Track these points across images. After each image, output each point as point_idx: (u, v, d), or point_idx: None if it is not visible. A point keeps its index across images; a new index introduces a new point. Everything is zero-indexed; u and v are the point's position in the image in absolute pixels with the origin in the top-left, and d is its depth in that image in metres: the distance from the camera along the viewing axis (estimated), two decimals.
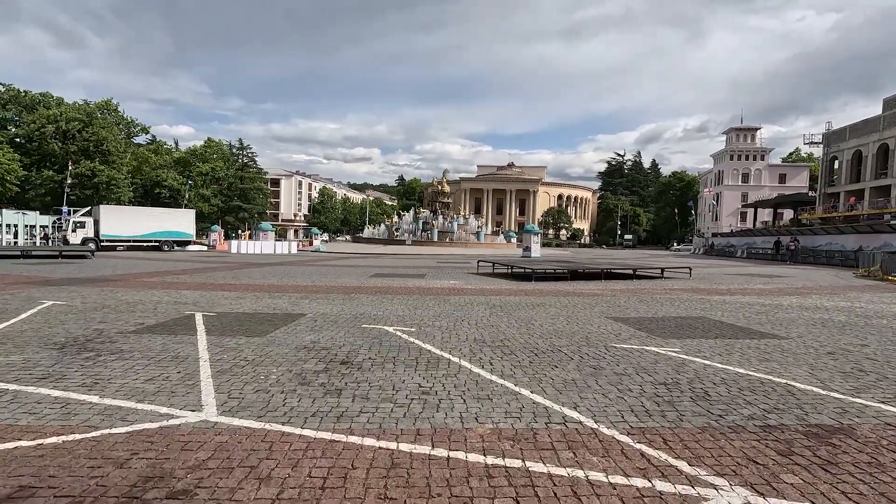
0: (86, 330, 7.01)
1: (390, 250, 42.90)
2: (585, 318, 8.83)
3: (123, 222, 35.95)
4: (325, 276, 17.24)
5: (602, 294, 12.84)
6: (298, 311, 9.02)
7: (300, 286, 13.59)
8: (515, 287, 14.29)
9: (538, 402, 4.29)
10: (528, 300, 11.27)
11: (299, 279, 15.74)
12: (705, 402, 4.35)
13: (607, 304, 10.78)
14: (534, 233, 38.16)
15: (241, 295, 11.37)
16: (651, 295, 12.85)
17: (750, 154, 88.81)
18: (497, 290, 13.51)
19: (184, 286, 13.01)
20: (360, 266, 22.85)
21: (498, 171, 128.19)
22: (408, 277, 16.99)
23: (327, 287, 13.43)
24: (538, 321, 8.45)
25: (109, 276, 15.38)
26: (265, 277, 16.11)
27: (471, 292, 12.76)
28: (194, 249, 40.92)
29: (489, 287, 14.20)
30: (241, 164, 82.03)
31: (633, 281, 17.06)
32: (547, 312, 9.46)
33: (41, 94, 57.67)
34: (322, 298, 10.97)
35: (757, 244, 45.68)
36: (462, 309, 9.74)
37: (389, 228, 57.18)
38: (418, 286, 14.08)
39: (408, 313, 9.09)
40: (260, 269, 19.60)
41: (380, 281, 15.49)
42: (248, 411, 3.94)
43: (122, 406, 3.99)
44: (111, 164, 55.84)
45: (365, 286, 13.84)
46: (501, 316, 8.94)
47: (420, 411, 4.01)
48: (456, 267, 23.38)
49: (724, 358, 6.03)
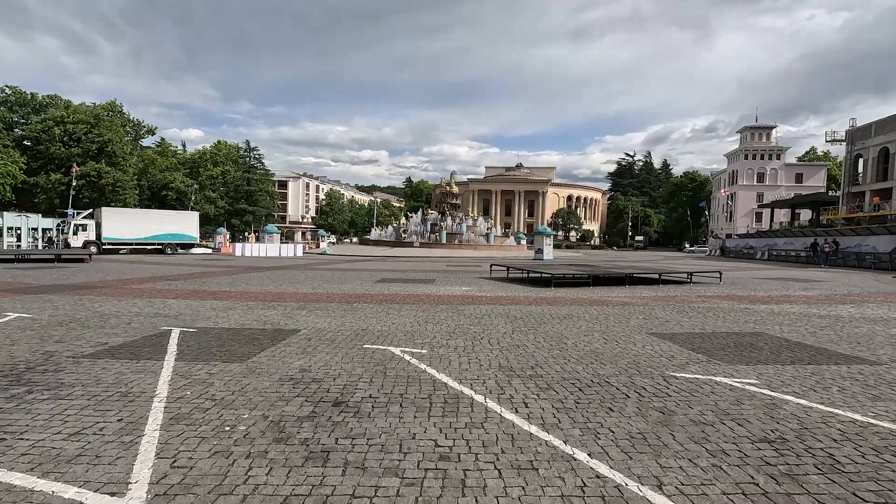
0: (34, 353, 5.87)
1: (398, 253, 41.76)
2: (625, 335, 7.55)
3: (125, 225, 35.15)
4: (328, 281, 16.09)
5: (632, 303, 11.53)
6: (292, 327, 7.84)
7: (299, 294, 12.43)
8: (534, 294, 13.02)
9: (604, 475, 3.04)
10: (552, 311, 10.01)
11: (300, 285, 14.59)
12: (842, 477, 3.07)
13: (643, 316, 9.49)
14: (546, 234, 36.80)
15: (231, 305, 10.22)
16: (687, 304, 11.52)
17: (765, 153, 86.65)
18: (515, 298, 12.25)
19: (172, 294, 11.90)
20: (365, 270, 21.70)
21: (506, 172, 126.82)
22: (416, 283, 15.79)
23: (328, 295, 12.25)
24: (570, 339, 7.19)
25: (97, 283, 14.34)
26: (263, 284, 14.99)
27: (486, 301, 11.52)
28: (198, 252, 40.10)
29: (506, 295, 12.95)
30: (247, 166, 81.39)
31: (660, 287, 15.73)
32: (577, 327, 8.20)
33: (48, 96, 57.37)
34: (321, 309, 9.80)
35: (778, 245, 43.87)
36: (479, 323, 8.51)
37: (397, 230, 56.04)
38: (428, 294, 12.87)
39: (417, 328, 7.88)
40: (260, 275, 18.51)
41: (386, 287, 14.30)
42: (192, 497, 2.74)
43: (13, 486, 2.81)
44: (116, 166, 55.34)
45: (369, 294, 12.65)
46: (526, 332, 7.69)
47: (438, 495, 2.78)
48: (467, 271, 22.14)
49: (822, 395, 4.73)
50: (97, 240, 33.64)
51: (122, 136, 58.57)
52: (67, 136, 52.15)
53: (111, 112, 60.47)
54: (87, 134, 52.74)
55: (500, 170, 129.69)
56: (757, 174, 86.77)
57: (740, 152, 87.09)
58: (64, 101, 56.92)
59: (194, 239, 38.68)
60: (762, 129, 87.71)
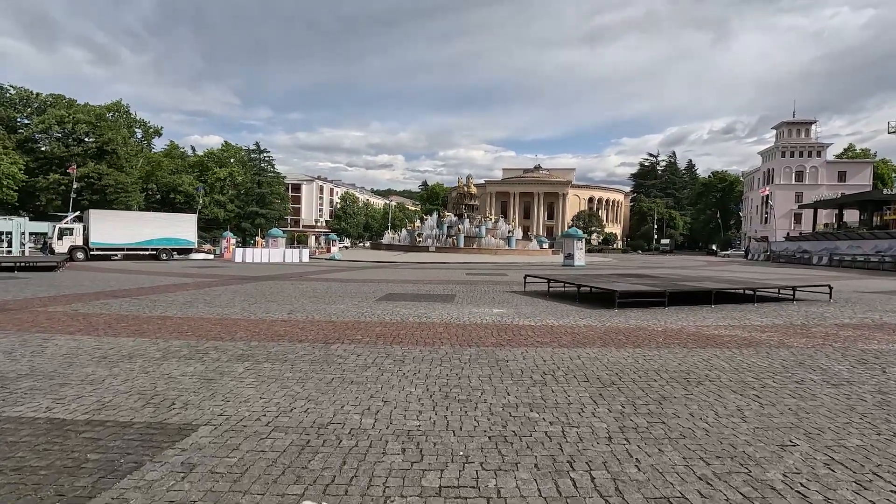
0: None
1: (412, 258, 38.11)
2: (862, 450, 3.66)
3: (116, 229, 32.17)
4: (319, 298, 12.44)
5: (759, 340, 7.58)
6: (187, 418, 4.11)
7: (264, 323, 8.77)
8: (599, 322, 9.15)
9: None
10: (652, 361, 6.14)
11: (276, 306, 10.97)
12: None
13: (822, 375, 5.55)
14: (577, 237, 32.77)
15: (138, 349, 6.59)
16: (851, 343, 7.53)
17: (804, 150, 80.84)
18: (575, 329, 8.40)
19: (79, 324, 8.37)
20: (371, 281, 18.06)
21: (525, 173, 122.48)
22: (431, 301, 12.04)
23: (303, 325, 8.55)
24: (757, 455, 3.32)
25: (10, 304, 10.94)
26: (229, 304, 11.41)
27: (536, 336, 7.68)
28: (199, 258, 37.06)
29: (560, 323, 9.09)
30: (257, 168, 78.90)
31: (757, 306, 11.70)
32: (733, 409, 4.32)
33: (52, 95, 55.48)
34: (275, 359, 6.11)
35: (840, 249, 38.90)
36: (543, 399, 4.70)
37: (412, 234, 52.40)
38: (447, 321, 9.10)
39: (428, 429, 4.10)
40: (238, 288, 14.98)
41: (389, 309, 10.58)
42: None
43: None
44: (120, 167, 53.05)
45: (363, 322, 8.93)
46: (648, 430, 3.85)
47: None
48: (492, 281, 18.33)
49: None
50: (85, 245, 30.77)
51: (126, 137, 56.34)
52: (67, 136, 50.04)
53: (116, 112, 58.32)
54: (89, 134, 50.58)
55: (517, 172, 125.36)
56: (795, 172, 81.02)
57: (777, 149, 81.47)
58: (67, 99, 54.90)
59: (192, 244, 35.56)
60: (801, 124, 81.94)
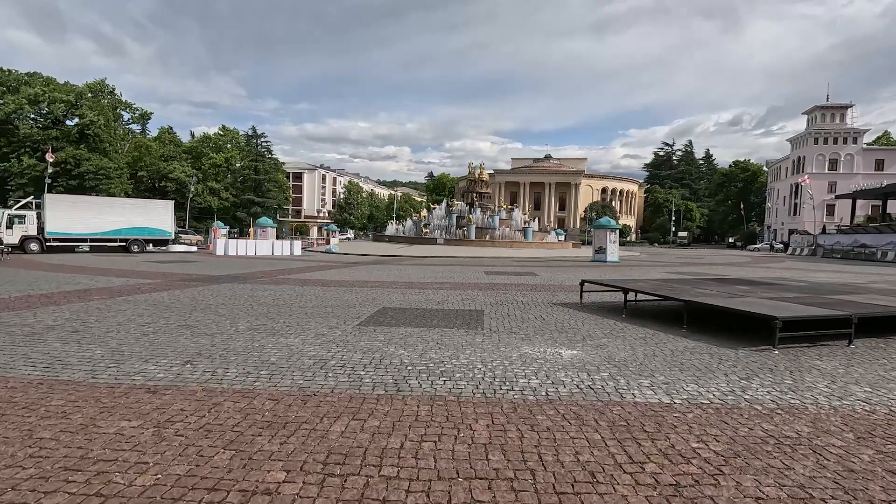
0: None
1: (417, 252, 33.69)
2: None
3: (77, 216, 27.99)
4: (276, 317, 8.13)
5: None
6: None
7: (161, 385, 4.47)
8: (768, 387, 4.75)
9: None
10: None
11: (191, 342, 6.66)
12: None
13: None
14: (610, 228, 28.24)
15: None
16: None
17: (839, 136, 75.25)
18: (746, 412, 4.01)
19: None
20: (363, 284, 13.76)
21: (535, 163, 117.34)
22: (446, 327, 7.70)
23: (221, 393, 4.24)
24: None
25: None
26: (138, 333, 7.13)
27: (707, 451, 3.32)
28: (179, 250, 32.95)
29: (713, 395, 4.70)
30: (254, 154, 74.56)
31: None
32: None
33: (28, 73, 51.24)
34: None
35: None
36: None
37: (417, 224, 47.92)
38: (483, 386, 4.74)
39: None
40: (154, 300, 10.71)
41: (379, 345, 6.25)
42: None
43: None
44: (103, 151, 48.92)
45: (319, 399, 4.61)
46: None
47: None
48: (524, 285, 13.94)
49: None
50: (39, 234, 26.71)
51: (110, 119, 52.12)
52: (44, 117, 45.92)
53: (99, 92, 54.03)
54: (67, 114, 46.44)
55: (527, 161, 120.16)
56: (829, 161, 75.58)
57: (809, 135, 76.05)
58: (45, 77, 50.67)
59: (167, 234, 31.36)
60: (835, 108, 76.30)
